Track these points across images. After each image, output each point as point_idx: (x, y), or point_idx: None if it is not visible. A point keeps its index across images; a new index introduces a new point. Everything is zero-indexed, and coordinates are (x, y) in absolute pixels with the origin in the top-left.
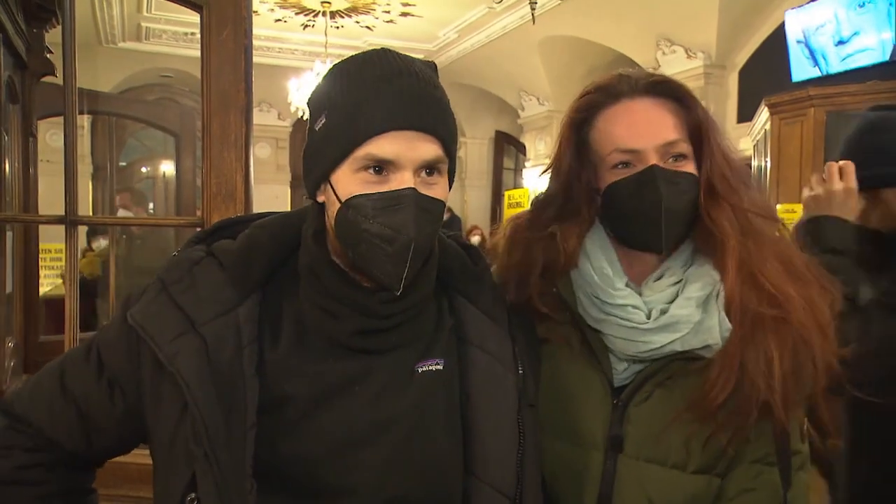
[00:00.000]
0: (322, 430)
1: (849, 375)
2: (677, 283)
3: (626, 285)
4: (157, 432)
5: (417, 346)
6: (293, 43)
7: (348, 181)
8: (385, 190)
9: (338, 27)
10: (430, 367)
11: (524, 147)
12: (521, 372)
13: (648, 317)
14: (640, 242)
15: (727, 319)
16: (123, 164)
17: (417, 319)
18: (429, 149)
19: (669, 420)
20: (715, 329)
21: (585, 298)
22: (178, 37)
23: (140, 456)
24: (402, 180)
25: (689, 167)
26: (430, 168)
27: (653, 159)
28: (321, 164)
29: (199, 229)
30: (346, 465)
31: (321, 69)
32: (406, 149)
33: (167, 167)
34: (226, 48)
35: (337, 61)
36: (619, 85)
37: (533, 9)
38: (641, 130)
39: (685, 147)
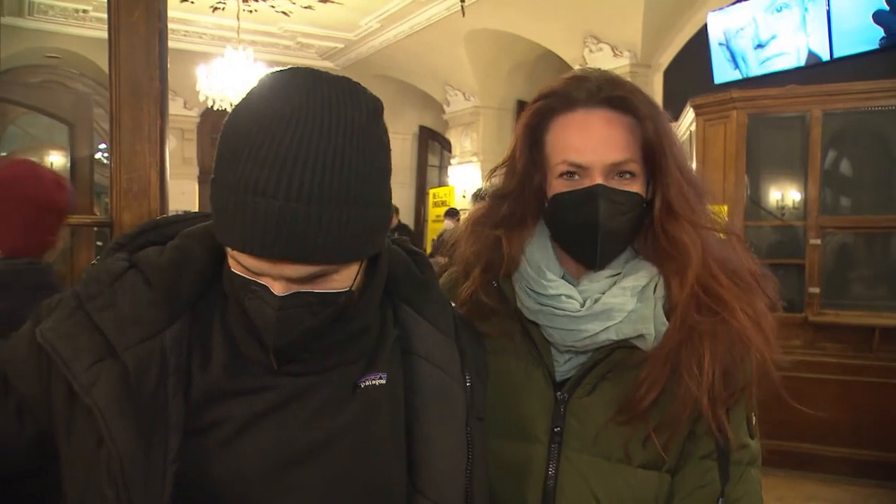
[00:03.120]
0: (256, 450)
1: None
2: (615, 275)
3: (563, 278)
4: (70, 463)
5: (360, 362)
6: (201, 26)
7: (230, 255)
8: (253, 280)
9: (251, 11)
10: (373, 382)
11: (449, 143)
12: (468, 384)
13: (583, 306)
14: (576, 255)
15: (664, 315)
16: (3, 153)
17: (358, 340)
18: (297, 270)
19: (607, 419)
20: (649, 319)
21: (522, 292)
22: (67, 14)
23: None
24: (271, 286)
25: (636, 186)
26: (303, 280)
27: (598, 177)
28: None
29: (106, 229)
30: (282, 486)
31: (232, 56)
32: (269, 268)
33: (55, 158)
34: (137, 32)
35: (244, 48)
36: (576, 91)
37: (463, 0)
38: (591, 146)
39: (634, 166)
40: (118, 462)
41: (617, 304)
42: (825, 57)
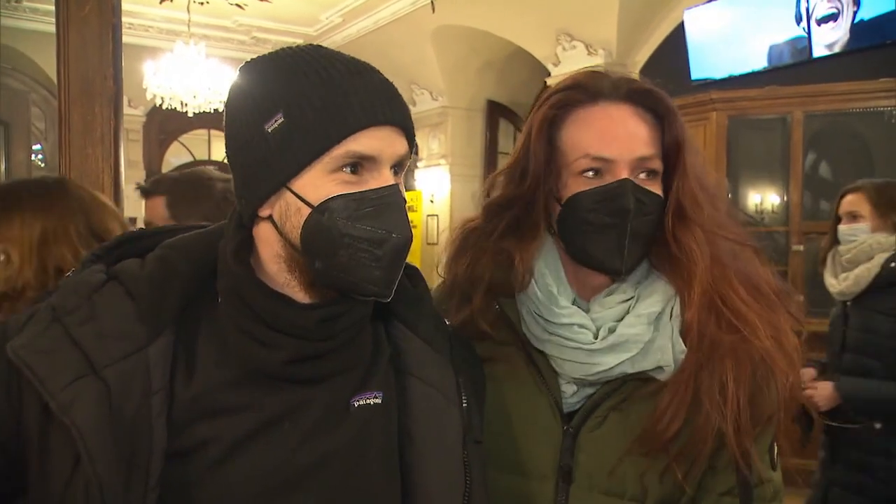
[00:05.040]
0: (245, 474)
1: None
2: (628, 299)
3: (574, 303)
4: (40, 490)
5: (353, 376)
6: (147, 19)
7: (320, 184)
8: (366, 189)
9: (202, 3)
10: (368, 401)
11: (416, 145)
12: (465, 405)
13: (596, 336)
14: (597, 261)
15: (681, 341)
16: None
17: (355, 342)
18: (403, 143)
19: (622, 452)
20: (668, 349)
21: (529, 317)
22: None
23: None
24: (383, 178)
25: (657, 187)
26: (399, 165)
27: (624, 172)
28: (280, 169)
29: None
30: None
31: (183, 51)
32: (385, 144)
33: None
34: (89, 27)
35: (196, 43)
36: (598, 84)
37: None
38: (617, 139)
39: (658, 164)
40: (97, 488)
41: (633, 334)
42: (804, 56)
